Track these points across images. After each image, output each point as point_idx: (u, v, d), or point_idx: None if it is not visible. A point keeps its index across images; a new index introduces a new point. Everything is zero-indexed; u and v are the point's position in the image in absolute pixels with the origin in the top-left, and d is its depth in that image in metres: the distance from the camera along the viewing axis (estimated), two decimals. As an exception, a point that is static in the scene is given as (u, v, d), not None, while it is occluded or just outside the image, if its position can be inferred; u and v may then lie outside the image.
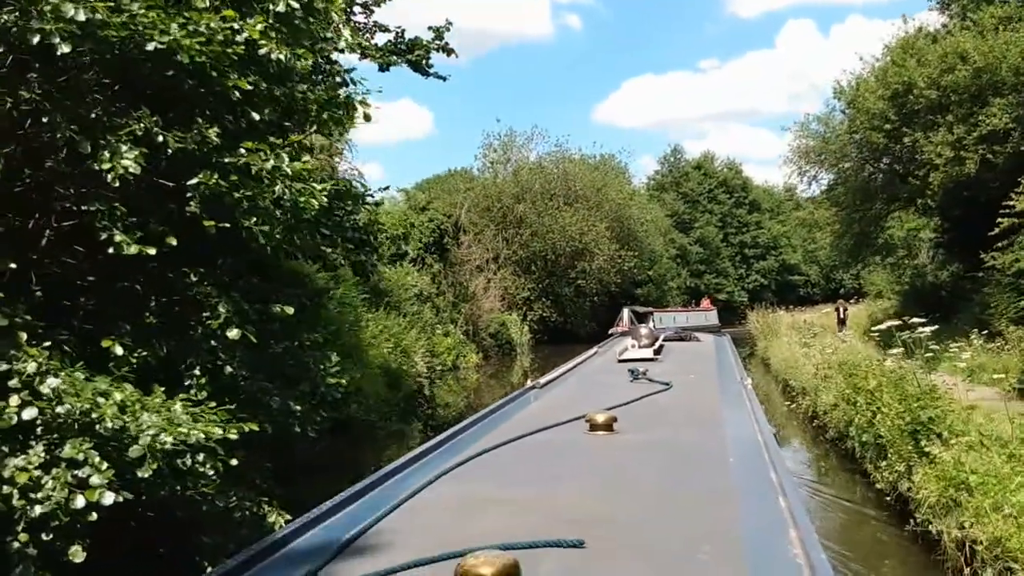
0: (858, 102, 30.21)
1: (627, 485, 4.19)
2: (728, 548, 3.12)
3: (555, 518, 3.53)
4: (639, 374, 8.65)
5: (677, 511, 3.73)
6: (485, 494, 4.01)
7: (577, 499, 3.93)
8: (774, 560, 3.02)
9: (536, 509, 3.72)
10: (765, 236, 76.48)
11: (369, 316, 24.41)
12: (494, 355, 36.92)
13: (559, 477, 4.42)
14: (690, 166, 74.55)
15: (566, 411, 6.18)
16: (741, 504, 3.74)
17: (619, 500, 3.92)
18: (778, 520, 3.43)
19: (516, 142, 50.19)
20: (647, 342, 11.61)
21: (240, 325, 6.34)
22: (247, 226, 6.14)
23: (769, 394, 23.47)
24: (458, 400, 26.36)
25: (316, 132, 8.31)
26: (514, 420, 6.44)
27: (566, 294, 46.53)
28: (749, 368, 31.46)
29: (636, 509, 3.76)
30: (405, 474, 4.55)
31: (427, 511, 3.78)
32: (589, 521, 3.45)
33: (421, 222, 33.25)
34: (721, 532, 3.31)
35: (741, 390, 8.01)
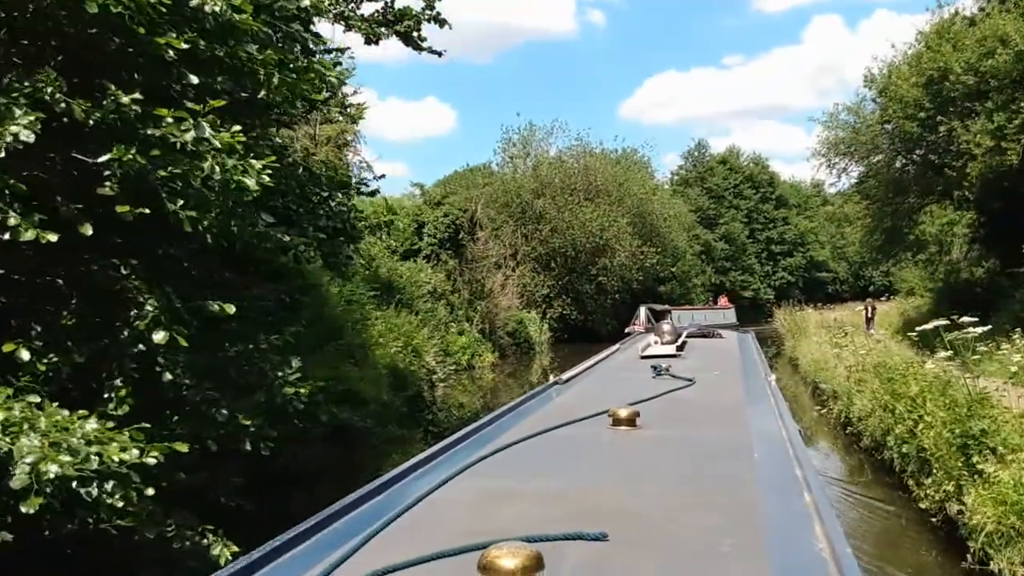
0: (890, 90, 28.90)
1: (650, 479, 4.15)
2: (752, 541, 3.05)
3: (578, 511, 3.45)
4: (662, 370, 8.30)
5: (700, 504, 3.67)
6: (507, 488, 3.95)
7: (600, 493, 3.85)
8: (798, 554, 2.97)
9: (559, 502, 3.66)
10: (792, 232, 74.82)
11: (378, 314, 23.48)
12: (511, 354, 35.88)
13: (582, 471, 4.38)
14: (715, 161, 73.00)
15: (588, 407, 6.04)
16: (765, 498, 3.68)
17: (642, 494, 3.86)
18: (803, 514, 3.38)
19: (536, 136, 49.11)
20: (670, 339, 11.12)
21: (169, 326, 5.34)
22: (173, 210, 5.14)
23: (797, 396, 22.32)
24: (474, 400, 25.44)
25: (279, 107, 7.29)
26: (536, 415, 6.25)
27: (586, 291, 45.35)
28: (776, 368, 30.25)
29: (659, 502, 3.71)
30: (427, 468, 4.46)
31: (449, 505, 3.71)
32: (612, 514, 3.38)
33: (435, 217, 32.25)
34: (745, 526, 3.26)
35: (765, 386, 7.67)
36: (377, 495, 3.89)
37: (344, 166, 22.94)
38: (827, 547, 2.94)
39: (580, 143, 49.36)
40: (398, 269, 28.82)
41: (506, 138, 49.68)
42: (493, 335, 34.03)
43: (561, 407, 6.56)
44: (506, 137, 49.76)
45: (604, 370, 9.87)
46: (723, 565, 2.87)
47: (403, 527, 3.34)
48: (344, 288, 22.42)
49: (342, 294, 21.54)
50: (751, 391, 7.45)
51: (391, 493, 3.94)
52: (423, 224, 32.37)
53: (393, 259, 30.37)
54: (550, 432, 5.30)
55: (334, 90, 13.19)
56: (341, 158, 23.07)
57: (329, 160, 22.60)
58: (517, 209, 44.34)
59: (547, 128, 49.68)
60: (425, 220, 32.43)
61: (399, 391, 19.12)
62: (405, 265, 30.24)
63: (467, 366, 29.87)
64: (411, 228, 32.18)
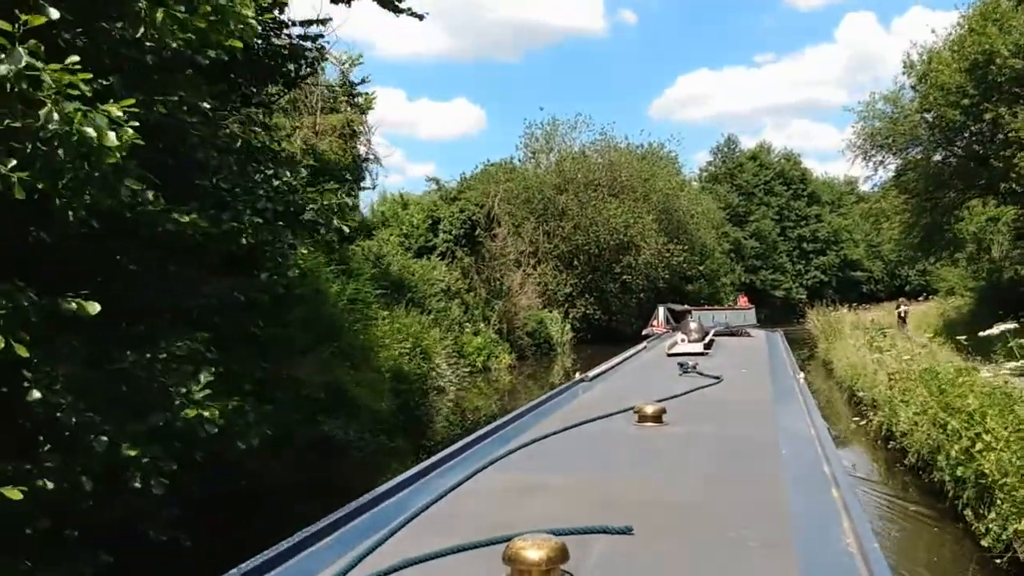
0: (931, 76, 27.20)
1: (676, 474, 4.18)
2: (778, 537, 3.03)
3: (603, 505, 3.50)
4: (689, 368, 8.55)
5: (727, 500, 3.67)
6: (533, 482, 3.99)
7: (626, 487, 3.90)
8: (826, 550, 2.96)
9: (584, 496, 3.69)
10: (825, 230, 72.64)
11: (384, 313, 22.21)
12: (531, 355, 34.50)
13: (607, 466, 4.44)
14: (745, 157, 71.03)
15: (614, 403, 6.15)
16: (792, 494, 3.65)
17: (668, 488, 3.88)
18: (830, 510, 3.36)
19: (559, 131, 47.62)
20: (697, 337, 11.35)
21: (5, 330, 4.04)
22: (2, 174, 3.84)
23: (832, 402, 20.80)
24: (490, 403, 24.13)
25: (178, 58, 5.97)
26: (562, 411, 6.39)
27: (610, 290, 43.80)
28: (808, 371, 28.67)
29: (685, 497, 3.72)
30: (453, 463, 4.48)
31: (475, 498, 3.76)
32: (638, 508, 3.41)
33: (451, 213, 30.88)
34: (771, 521, 3.25)
35: (794, 384, 7.74)
36: (405, 488, 3.91)
37: (347, 157, 21.72)
38: (855, 543, 2.91)
39: (604, 138, 47.83)
40: (410, 267, 27.54)
41: (528, 133, 48.27)
42: (511, 335, 32.65)
43: (587, 404, 6.68)
44: (528, 132, 48.35)
45: (630, 368, 9.94)
46: (750, 560, 2.83)
47: (430, 519, 3.35)
48: (348, 286, 21.19)
49: (344, 292, 20.31)
50: (779, 389, 7.44)
51: (419, 486, 3.97)
52: (438, 220, 31.05)
53: (406, 256, 29.11)
54: (576, 428, 5.34)
55: (313, 65, 11.94)
56: (346, 149, 21.81)
57: (333, 150, 21.41)
58: (539, 205, 42.95)
59: (570, 122, 48.02)
60: (440, 216, 31.09)
61: (401, 396, 17.81)
62: (418, 262, 28.96)
63: (483, 368, 28.53)
64: (425, 224, 30.89)
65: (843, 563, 2.80)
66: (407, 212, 31.85)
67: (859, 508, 3.31)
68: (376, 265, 25.55)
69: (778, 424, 5.51)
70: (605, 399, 6.74)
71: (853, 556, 2.83)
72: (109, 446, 4.68)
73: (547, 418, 5.98)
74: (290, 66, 11.66)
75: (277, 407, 11.69)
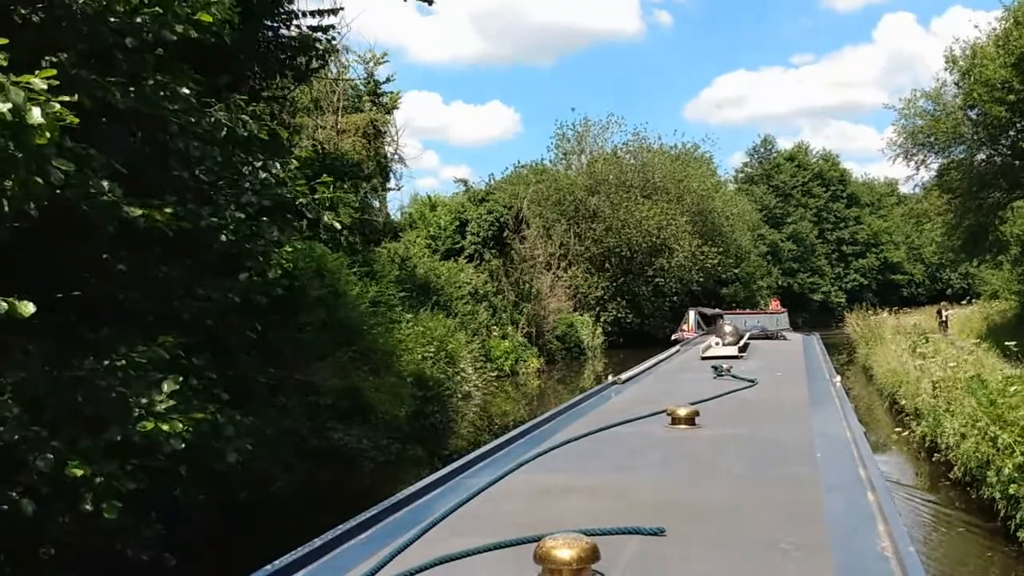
0: (974, 72, 26.18)
1: (709, 476, 4.11)
2: (813, 540, 3.00)
3: (635, 506, 3.49)
4: (723, 371, 8.40)
5: (760, 502, 3.61)
6: (564, 483, 3.97)
7: (658, 489, 3.87)
8: (861, 553, 2.90)
9: (616, 497, 3.69)
10: (865, 232, 71.07)
11: (408, 316, 21.74)
12: (561, 359, 33.88)
13: (639, 467, 4.40)
14: (782, 157, 69.73)
15: (647, 406, 6.09)
16: (827, 497, 3.59)
17: (701, 490, 3.84)
18: (866, 514, 3.30)
19: (591, 131, 46.93)
20: (732, 340, 11.19)
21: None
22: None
23: (872, 409, 19.99)
24: (517, 408, 23.60)
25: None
26: (594, 414, 6.33)
27: (643, 293, 43.03)
28: (847, 376, 27.75)
29: (718, 499, 3.68)
30: (485, 463, 4.48)
31: (506, 498, 3.76)
32: (670, 510, 3.38)
33: (479, 214, 30.37)
34: (806, 524, 3.21)
35: (830, 388, 7.59)
36: (437, 487, 3.90)
37: (370, 156, 21.31)
38: (890, 546, 2.87)
39: (637, 138, 47.08)
40: (436, 269, 27.07)
41: (560, 134, 47.62)
42: (540, 339, 32.05)
43: (619, 406, 6.61)
44: (560, 133, 47.70)
45: (663, 371, 9.89)
46: (783, 562, 2.81)
47: (462, 518, 3.36)
48: (371, 288, 20.76)
49: (367, 294, 19.86)
50: (815, 392, 7.29)
51: (450, 486, 3.96)
52: (466, 222, 30.57)
53: (434, 258, 28.66)
54: (608, 430, 5.30)
55: (324, 57, 11.49)
56: (369, 148, 21.40)
57: (356, 150, 21.00)
58: (570, 207, 42.31)
59: (602, 123, 47.29)
60: (468, 218, 30.60)
61: (423, 402, 17.28)
62: (445, 265, 28.49)
63: (510, 372, 27.97)
64: (452, 226, 30.42)
65: (878, 567, 2.76)
66: (434, 214, 31.41)
67: (895, 512, 3.25)
68: (402, 267, 25.13)
69: (813, 427, 5.43)
70: (637, 402, 6.69)
71: (888, 560, 2.78)
72: (55, 465, 4.20)
73: (579, 420, 5.96)
74: (300, 59, 11.23)
75: (284, 415, 11.25)
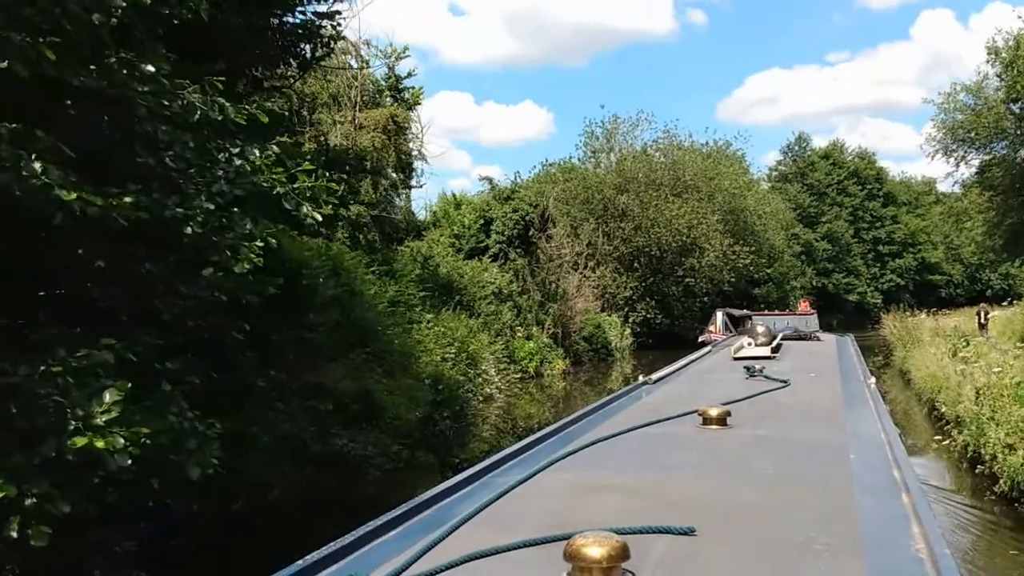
0: (1018, 63, 25.19)
1: (740, 476, 4.06)
2: (846, 541, 2.97)
3: (666, 506, 3.46)
4: (755, 371, 8.30)
5: (793, 503, 3.58)
6: (595, 482, 3.97)
7: (688, 488, 3.84)
8: (895, 555, 2.88)
9: (647, 497, 3.68)
10: (902, 232, 69.50)
11: (429, 316, 21.22)
12: (587, 360, 33.20)
13: (670, 467, 4.36)
14: (817, 155, 68.37)
15: (678, 406, 6.04)
16: (861, 499, 3.56)
17: (732, 490, 3.80)
18: (900, 515, 3.28)
19: (620, 129, 46.12)
20: (764, 340, 11.09)
21: None
22: None
23: (909, 414, 19.14)
24: (542, 411, 23.03)
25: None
26: (625, 413, 6.30)
27: (673, 294, 42.20)
28: (883, 380, 26.82)
29: (750, 500, 3.65)
30: (516, 462, 4.47)
31: (538, 496, 3.75)
32: (700, 510, 3.36)
33: (504, 213, 29.78)
34: (839, 525, 3.17)
35: (864, 389, 7.51)
36: (467, 485, 3.93)
37: (388, 152, 20.82)
38: (925, 548, 2.84)
39: (667, 135, 46.21)
40: (460, 268, 26.53)
41: (589, 131, 46.87)
42: (567, 340, 31.40)
43: (650, 406, 6.55)
44: (589, 130, 46.95)
45: (695, 371, 9.79)
46: (815, 563, 2.78)
47: (492, 516, 3.40)
48: (390, 287, 20.27)
49: (383, 294, 19.36)
50: (849, 393, 7.18)
51: (481, 483, 3.99)
52: (491, 220, 30.00)
53: (457, 257, 28.14)
54: (638, 429, 5.28)
55: (329, 45, 10.97)
56: (389, 144, 20.90)
57: (374, 146, 20.51)
58: (598, 206, 41.59)
59: (632, 120, 46.45)
60: (493, 216, 30.02)
61: (440, 406, 16.73)
62: (469, 264, 27.95)
63: (535, 374, 27.36)
64: (477, 224, 29.87)
65: (912, 568, 2.73)
66: (459, 212, 30.90)
67: (930, 513, 3.20)
68: (424, 266, 24.65)
69: (847, 428, 5.32)
70: (669, 402, 6.61)
71: (923, 561, 2.75)
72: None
73: (610, 419, 5.89)
74: (305, 46, 10.73)
75: (286, 419, 10.73)
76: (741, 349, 10.69)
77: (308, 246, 16.66)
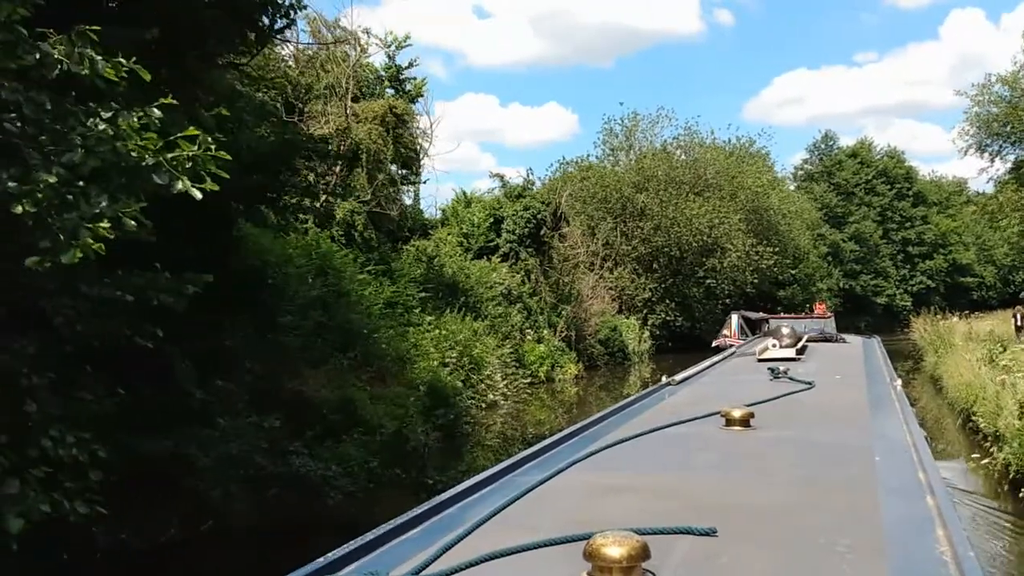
0: (1060, 51, 23.70)
1: (763, 477, 4.03)
2: (869, 543, 2.92)
3: (687, 506, 3.45)
4: (780, 373, 8.21)
5: (815, 504, 3.53)
6: (616, 482, 3.96)
7: (710, 489, 3.80)
8: (919, 557, 2.84)
9: (667, 497, 3.64)
10: (932, 232, 67.53)
11: (430, 319, 20.15)
12: (603, 364, 32.01)
13: (692, 468, 4.34)
14: (844, 154, 66.64)
15: (701, 407, 5.99)
16: (885, 501, 3.50)
17: (754, 492, 3.75)
18: (925, 518, 3.24)
19: (639, 126, 44.84)
20: (789, 342, 11.02)
21: None
22: None
23: (941, 424, 17.85)
24: (553, 417, 21.91)
25: None
26: (647, 414, 6.21)
27: (694, 295, 40.90)
28: (913, 386, 25.40)
29: (772, 501, 3.59)
30: (537, 462, 4.46)
31: (559, 496, 3.73)
32: (722, 511, 3.32)
33: (515, 211, 28.62)
34: (862, 527, 3.14)
35: (890, 391, 7.39)
36: (487, 485, 3.92)
37: (388, 147, 19.77)
38: (949, 550, 2.82)
39: (688, 132, 44.88)
40: (467, 268, 25.43)
41: (607, 128, 45.63)
42: (581, 343, 30.21)
43: (673, 407, 6.52)
44: (607, 128, 45.72)
45: (718, 372, 9.74)
46: (838, 565, 2.75)
47: (512, 516, 3.36)
48: (387, 288, 19.23)
49: (377, 295, 18.31)
50: (874, 395, 7.10)
51: (502, 483, 3.98)
52: (501, 219, 28.85)
53: (466, 257, 27.03)
54: (661, 430, 5.31)
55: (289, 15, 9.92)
56: (387, 138, 19.84)
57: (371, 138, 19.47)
58: (616, 205, 40.35)
59: (651, 117, 45.14)
60: (504, 214, 28.87)
61: (434, 416, 15.61)
62: (478, 264, 26.85)
63: (545, 379, 26.21)
64: (486, 223, 28.74)
65: (936, 571, 2.67)
66: (469, 211, 29.81)
67: (955, 516, 3.14)
68: (429, 266, 23.60)
69: (872, 430, 5.30)
70: (691, 403, 6.56)
71: (947, 564, 2.67)
72: None
73: (632, 420, 5.85)
74: (263, 18, 9.70)
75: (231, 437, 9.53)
76: (766, 351, 10.57)
77: (293, 243, 15.64)
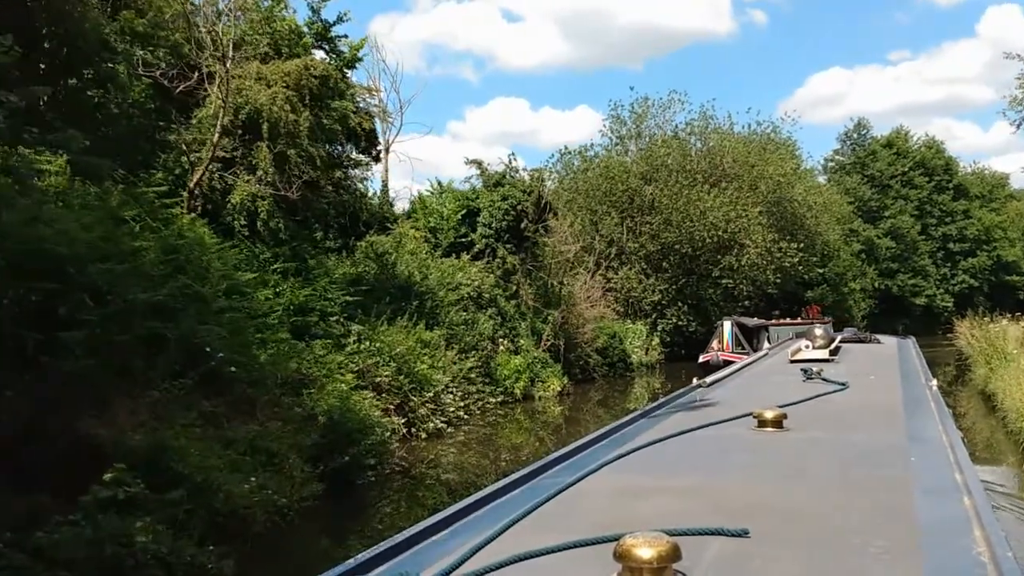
0: None
1: (796, 479, 3.93)
2: (904, 544, 2.89)
3: (719, 508, 3.39)
4: (813, 374, 7.91)
5: (849, 505, 3.44)
6: (647, 484, 3.89)
7: (742, 491, 3.72)
8: (955, 558, 2.77)
9: (699, 499, 3.58)
10: (975, 228, 62.58)
11: (356, 327, 16.38)
12: (600, 377, 28.09)
13: (724, 469, 4.25)
14: (878, 144, 61.98)
15: (733, 409, 5.87)
16: (920, 502, 3.45)
17: (787, 493, 3.67)
18: (962, 519, 3.16)
19: (650, 112, 40.75)
20: (823, 343, 10.52)
21: None
22: None
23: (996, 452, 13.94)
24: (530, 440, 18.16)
25: None
26: (678, 416, 6.11)
27: (709, 297, 36.82)
28: (956, 399, 21.31)
29: (805, 502, 3.52)
30: (568, 463, 4.36)
31: (589, 497, 3.67)
32: (755, 512, 3.27)
33: (492, 201, 24.77)
34: (897, 528, 3.09)
35: (926, 392, 7.04)
36: (518, 487, 3.87)
37: (303, 117, 16.03)
38: (987, 551, 2.78)
39: (703, 118, 40.72)
40: (425, 267, 21.66)
41: (614, 115, 41.59)
42: (572, 353, 26.30)
43: (704, 408, 6.55)
44: (614, 114, 41.68)
45: (750, 374, 9.62)
46: (872, 566, 2.73)
47: (543, 516, 3.34)
48: (297, 292, 15.50)
49: (279, 299, 14.59)
50: (910, 396, 7.06)
51: (532, 485, 3.92)
52: (476, 211, 25.03)
53: (433, 255, 23.24)
54: (692, 432, 5.21)
55: None
56: (300, 108, 16.10)
57: (277, 104, 15.74)
58: (622, 197, 36.38)
59: (663, 102, 41.05)
60: (480, 206, 25.04)
61: (323, 459, 11.85)
62: (446, 262, 23.08)
63: (522, 396, 22.36)
64: (457, 215, 24.94)
65: (973, 572, 2.62)
66: (439, 201, 26.04)
67: (992, 517, 3.06)
68: (382, 265, 19.90)
69: (907, 431, 5.19)
70: (723, 404, 6.48)
71: (984, 566, 2.62)
72: None
73: (663, 422, 5.74)
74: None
75: None
76: (798, 352, 10.31)
77: (144, 235, 11.89)
